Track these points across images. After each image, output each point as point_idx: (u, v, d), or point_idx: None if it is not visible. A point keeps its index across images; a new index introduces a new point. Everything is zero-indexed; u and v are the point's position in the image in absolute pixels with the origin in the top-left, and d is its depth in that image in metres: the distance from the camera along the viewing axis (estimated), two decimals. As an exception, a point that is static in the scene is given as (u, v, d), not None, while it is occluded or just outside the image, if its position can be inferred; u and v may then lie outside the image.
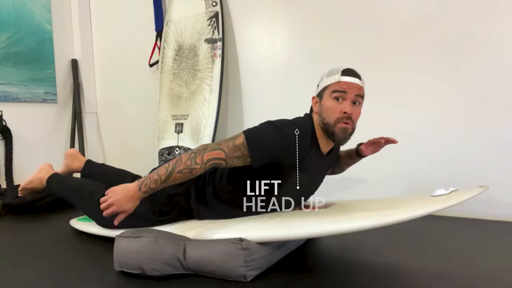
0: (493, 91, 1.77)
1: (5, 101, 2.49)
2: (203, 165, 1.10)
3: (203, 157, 1.11)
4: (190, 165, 1.10)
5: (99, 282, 1.12)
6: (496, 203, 1.79)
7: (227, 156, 1.12)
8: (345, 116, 1.17)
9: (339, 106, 1.17)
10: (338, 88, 1.18)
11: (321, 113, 1.22)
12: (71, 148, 1.96)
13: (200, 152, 1.12)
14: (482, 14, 1.78)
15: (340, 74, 1.18)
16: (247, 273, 1.08)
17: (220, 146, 1.14)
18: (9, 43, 2.51)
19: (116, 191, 1.13)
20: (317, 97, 1.26)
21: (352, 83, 1.18)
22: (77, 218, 1.72)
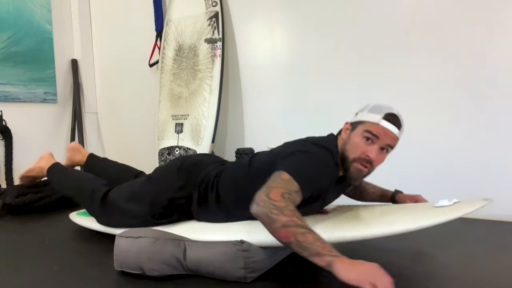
0: (493, 91, 1.77)
1: (5, 101, 2.49)
2: (283, 201, 0.95)
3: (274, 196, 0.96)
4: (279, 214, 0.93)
5: (99, 282, 1.12)
6: (496, 203, 1.79)
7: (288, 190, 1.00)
8: (366, 159, 1.11)
9: (365, 147, 1.11)
10: (373, 130, 1.10)
11: (345, 143, 1.16)
12: (74, 142, 1.95)
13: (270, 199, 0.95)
14: (482, 14, 1.77)
15: (382, 117, 1.10)
16: (248, 275, 1.08)
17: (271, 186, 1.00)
18: (9, 43, 2.51)
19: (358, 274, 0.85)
20: (350, 125, 1.18)
21: (390, 132, 1.10)
22: (77, 212, 1.71)
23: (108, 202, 1.38)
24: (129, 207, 1.33)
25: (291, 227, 0.90)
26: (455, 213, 0.99)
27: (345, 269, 0.84)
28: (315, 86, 2.18)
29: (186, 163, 1.36)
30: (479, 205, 1.03)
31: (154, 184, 1.34)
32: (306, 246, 0.89)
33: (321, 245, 0.88)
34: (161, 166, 1.45)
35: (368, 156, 1.10)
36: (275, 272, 1.15)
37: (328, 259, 0.86)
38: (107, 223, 1.40)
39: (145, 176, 1.46)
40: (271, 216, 0.93)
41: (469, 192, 1.83)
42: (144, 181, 1.39)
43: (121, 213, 1.35)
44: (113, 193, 1.40)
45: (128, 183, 1.45)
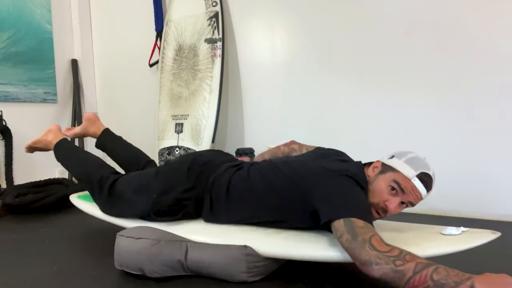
0: (493, 91, 1.77)
1: (5, 101, 2.49)
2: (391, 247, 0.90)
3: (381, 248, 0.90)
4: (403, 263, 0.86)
5: (99, 282, 1.12)
6: (496, 203, 1.79)
7: (374, 233, 0.95)
8: (383, 209, 1.09)
9: (388, 196, 1.08)
10: (401, 183, 1.06)
11: (371, 183, 1.12)
12: (91, 113, 1.90)
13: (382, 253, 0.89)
14: (482, 14, 1.77)
15: (417, 174, 1.07)
16: (249, 279, 1.08)
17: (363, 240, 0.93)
18: (9, 43, 2.51)
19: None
20: (381, 167, 1.14)
21: (418, 192, 1.07)
22: (78, 196, 1.69)
23: (116, 190, 1.36)
24: (135, 198, 1.31)
25: (422, 269, 0.84)
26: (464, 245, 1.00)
27: (486, 284, 0.81)
28: (315, 86, 2.18)
29: (196, 163, 1.32)
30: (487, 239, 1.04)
31: (162, 181, 1.31)
32: (444, 282, 0.82)
33: (453, 274, 0.83)
34: (171, 163, 1.40)
35: (386, 206, 1.08)
36: (274, 272, 1.15)
37: (469, 283, 0.81)
38: (111, 213, 1.38)
39: (155, 168, 1.42)
40: (398, 269, 0.85)
41: (469, 192, 1.83)
42: (153, 175, 1.34)
43: (127, 203, 1.33)
44: (121, 181, 1.37)
45: (137, 173, 1.42)
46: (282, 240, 1.12)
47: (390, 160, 1.12)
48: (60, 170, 2.73)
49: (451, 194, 1.87)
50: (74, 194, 1.71)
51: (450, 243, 1.01)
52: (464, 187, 1.84)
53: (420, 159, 1.11)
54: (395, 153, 1.15)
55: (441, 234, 1.09)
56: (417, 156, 1.12)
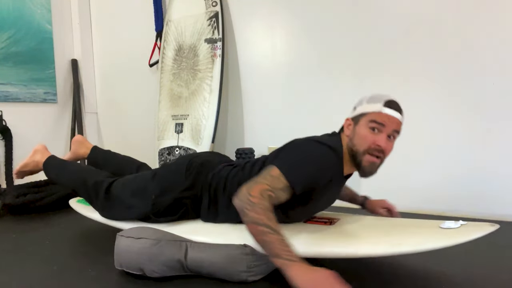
0: (493, 91, 1.77)
1: (5, 101, 2.49)
2: (260, 199, 0.99)
3: (254, 192, 1.00)
4: (250, 210, 0.98)
5: (99, 282, 1.12)
6: (496, 203, 1.79)
7: (272, 187, 1.02)
8: (377, 149, 1.10)
9: (373, 137, 1.10)
10: (377, 119, 1.10)
11: (352, 138, 1.15)
12: (78, 135, 1.94)
13: (249, 195, 1.00)
14: (482, 14, 1.77)
15: (383, 104, 1.11)
16: (249, 278, 1.08)
17: (257, 181, 1.04)
18: (9, 43, 2.51)
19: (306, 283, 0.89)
20: (352, 120, 1.17)
21: (393, 117, 1.11)
22: (77, 200, 1.70)
23: (112, 194, 1.36)
24: (133, 202, 1.32)
25: (259, 225, 0.96)
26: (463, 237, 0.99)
27: (298, 275, 0.88)
28: (315, 86, 2.18)
29: (194, 163, 1.33)
30: (486, 231, 1.03)
31: (161, 182, 1.31)
32: (267, 245, 0.95)
33: (280, 247, 0.93)
34: (168, 164, 1.41)
35: (378, 145, 1.10)
36: (274, 272, 1.15)
37: (284, 262, 0.91)
38: (109, 216, 1.38)
39: (151, 171, 1.42)
40: (244, 210, 0.99)
41: (469, 192, 1.83)
42: (150, 177, 1.35)
43: (125, 206, 1.33)
44: (117, 185, 1.38)
45: (132, 176, 1.42)
46: None
47: (355, 111, 1.18)
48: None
49: (451, 194, 1.87)
50: (74, 199, 1.72)
51: (449, 236, 1.01)
52: (464, 187, 1.84)
53: (377, 93, 1.17)
54: (355, 105, 1.20)
55: (440, 227, 1.09)
56: (373, 93, 1.18)
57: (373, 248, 1.01)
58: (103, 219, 1.41)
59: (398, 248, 0.99)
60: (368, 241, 1.06)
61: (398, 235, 1.07)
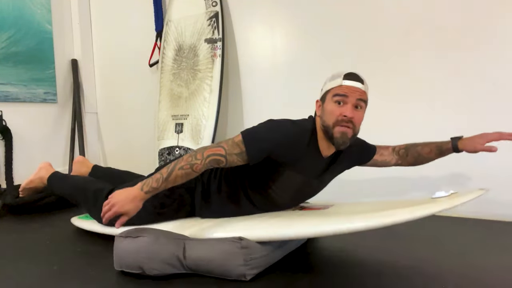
0: (493, 91, 1.77)
1: (5, 101, 2.49)
2: (203, 160, 1.12)
3: (204, 153, 1.13)
4: (190, 161, 1.12)
5: (99, 282, 1.12)
6: (496, 203, 1.79)
7: (226, 153, 1.14)
8: (344, 119, 1.16)
9: (339, 109, 1.17)
10: (339, 91, 1.17)
11: (322, 116, 1.22)
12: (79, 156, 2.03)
13: (201, 150, 1.15)
14: (482, 13, 1.77)
15: (342, 78, 1.18)
16: (247, 272, 1.08)
17: (220, 144, 1.17)
18: (9, 43, 2.51)
19: (117, 193, 1.16)
20: (320, 100, 1.26)
21: (354, 87, 1.17)
22: (78, 216, 1.72)
23: None
24: None
25: (162, 173, 1.14)
26: (453, 202, 1.00)
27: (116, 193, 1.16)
28: (315, 86, 2.17)
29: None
30: (476, 194, 1.04)
31: None
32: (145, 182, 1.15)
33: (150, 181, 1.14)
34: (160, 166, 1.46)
35: (345, 115, 1.16)
36: (274, 271, 1.15)
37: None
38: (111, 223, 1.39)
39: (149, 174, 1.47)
40: (178, 160, 1.15)
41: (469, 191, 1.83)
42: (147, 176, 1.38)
43: None
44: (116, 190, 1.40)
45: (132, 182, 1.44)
46: (275, 223, 1.16)
47: (321, 91, 1.26)
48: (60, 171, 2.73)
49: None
50: (75, 217, 1.74)
51: (440, 203, 1.01)
52: (464, 186, 1.84)
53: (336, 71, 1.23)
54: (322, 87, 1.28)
55: (431, 198, 1.11)
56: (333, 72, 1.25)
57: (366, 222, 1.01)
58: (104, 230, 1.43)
59: (390, 218, 0.99)
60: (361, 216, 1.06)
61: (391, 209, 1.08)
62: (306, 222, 1.12)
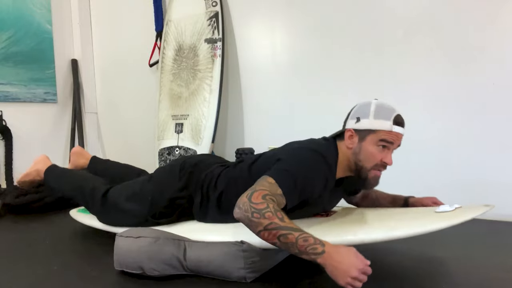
0: (493, 91, 1.77)
1: (5, 101, 2.49)
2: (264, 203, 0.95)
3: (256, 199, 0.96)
4: (259, 217, 0.93)
5: (99, 282, 1.12)
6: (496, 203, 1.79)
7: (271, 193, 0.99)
8: (383, 165, 1.13)
9: (381, 154, 1.11)
10: (388, 138, 1.10)
11: (357, 154, 1.13)
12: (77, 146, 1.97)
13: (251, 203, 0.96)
14: (482, 13, 1.77)
15: (392, 122, 1.10)
16: (247, 275, 1.08)
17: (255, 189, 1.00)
18: (9, 43, 2.51)
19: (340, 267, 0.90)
20: (356, 133, 1.14)
21: (401, 135, 1.12)
22: (78, 209, 1.71)
23: (108, 200, 1.38)
24: (130, 206, 1.33)
25: (273, 229, 0.92)
26: (457, 219, 0.99)
27: (329, 268, 0.90)
28: (315, 86, 2.18)
29: (187, 163, 1.35)
30: (481, 211, 1.03)
31: (155, 184, 1.35)
32: (290, 246, 0.92)
33: (303, 245, 0.90)
34: (162, 167, 1.45)
35: (385, 162, 1.12)
36: (274, 272, 1.15)
37: (312, 258, 0.91)
38: (108, 222, 1.41)
39: (147, 175, 1.46)
40: (252, 219, 0.94)
41: (469, 191, 1.83)
42: (145, 181, 1.39)
43: (121, 211, 1.35)
44: (113, 191, 1.40)
45: (128, 182, 1.45)
46: None
47: (360, 124, 1.14)
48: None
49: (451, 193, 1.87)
50: (74, 209, 1.73)
51: (444, 218, 1.01)
52: (464, 187, 1.84)
53: (382, 105, 1.13)
54: (356, 114, 1.16)
55: (435, 212, 1.10)
56: (378, 104, 1.14)
57: (369, 235, 1.01)
58: (103, 226, 1.43)
59: (394, 233, 0.99)
60: (364, 228, 1.06)
61: (394, 221, 1.08)
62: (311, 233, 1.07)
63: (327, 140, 1.21)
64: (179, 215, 1.32)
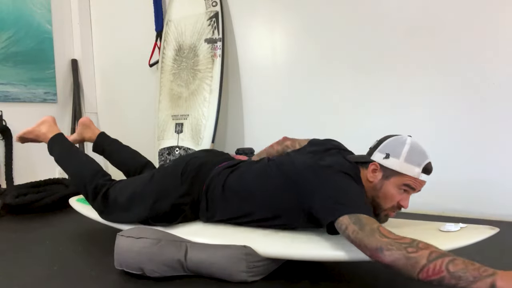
0: (493, 91, 1.77)
1: (5, 101, 2.49)
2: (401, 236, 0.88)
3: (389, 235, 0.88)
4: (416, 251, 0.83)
5: (99, 282, 1.12)
6: (496, 203, 1.79)
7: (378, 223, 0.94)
8: (399, 207, 1.11)
9: (400, 197, 1.09)
10: (412, 185, 1.07)
11: (377, 190, 1.10)
12: (86, 117, 1.87)
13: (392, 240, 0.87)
14: (482, 13, 1.77)
15: (422, 170, 1.06)
16: (249, 278, 1.08)
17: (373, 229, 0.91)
18: (9, 43, 2.51)
19: None
20: (381, 169, 1.10)
21: (424, 183, 1.09)
22: (77, 199, 1.70)
23: (110, 198, 1.35)
24: (130, 206, 1.31)
25: (437, 258, 0.80)
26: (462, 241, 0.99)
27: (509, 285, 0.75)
28: (315, 86, 2.18)
29: (190, 166, 1.31)
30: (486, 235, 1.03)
31: (157, 188, 1.29)
32: (461, 275, 0.77)
33: (473, 267, 0.77)
34: (165, 167, 1.39)
35: (402, 205, 1.10)
36: (275, 272, 1.15)
37: (489, 280, 0.75)
38: (108, 219, 1.38)
39: (148, 174, 1.40)
40: (411, 255, 0.81)
41: (469, 191, 1.83)
42: (147, 181, 1.33)
43: (122, 210, 1.33)
44: (115, 188, 1.37)
45: (130, 180, 1.42)
46: (281, 240, 1.12)
47: (388, 161, 1.09)
48: (60, 170, 2.72)
49: (451, 193, 1.87)
50: (73, 198, 1.71)
51: (449, 239, 1.01)
52: (464, 187, 1.84)
53: (416, 149, 1.08)
54: (387, 149, 1.10)
55: (440, 230, 1.09)
56: (412, 146, 1.08)
57: None
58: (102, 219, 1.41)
59: None
60: None
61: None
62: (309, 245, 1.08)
63: (350, 163, 1.16)
64: (182, 218, 1.29)
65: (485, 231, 1.04)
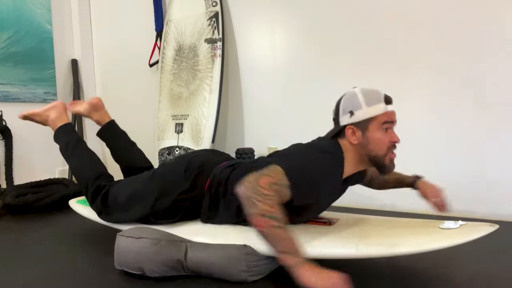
0: (493, 91, 1.77)
1: (5, 101, 2.49)
2: (269, 191, 0.95)
3: (263, 183, 0.96)
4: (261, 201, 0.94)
5: (99, 282, 1.12)
6: (497, 203, 1.79)
7: (279, 183, 0.99)
8: (394, 146, 1.14)
9: (387, 136, 1.13)
10: (388, 119, 1.12)
11: (366, 145, 1.13)
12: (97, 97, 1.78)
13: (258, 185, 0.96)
14: (482, 13, 1.77)
15: (384, 103, 1.12)
16: (248, 278, 1.08)
17: (264, 173, 1.00)
18: (9, 43, 2.51)
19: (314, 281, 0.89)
20: (356, 128, 1.14)
21: (394, 111, 1.16)
22: (77, 200, 1.70)
23: (109, 199, 1.35)
24: (131, 205, 1.31)
25: (268, 218, 0.92)
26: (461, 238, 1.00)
27: (307, 275, 0.89)
28: (315, 86, 2.18)
29: (193, 164, 1.31)
30: (486, 232, 1.03)
31: (159, 184, 1.29)
32: (276, 241, 0.92)
33: (290, 244, 0.91)
34: (167, 165, 1.39)
35: (394, 141, 1.13)
36: (275, 272, 1.15)
37: (293, 260, 0.90)
38: (108, 219, 1.38)
39: (149, 172, 1.39)
40: (252, 200, 0.94)
41: (469, 191, 1.83)
42: (148, 180, 1.33)
43: (122, 210, 1.33)
44: (115, 189, 1.37)
45: (130, 180, 1.41)
46: None
47: (355, 116, 1.14)
48: (60, 170, 2.73)
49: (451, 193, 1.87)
50: (73, 200, 1.71)
51: (448, 236, 1.01)
52: (465, 187, 1.84)
53: (368, 92, 1.15)
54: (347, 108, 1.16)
55: (439, 228, 1.10)
56: (363, 91, 1.16)
57: (371, 249, 1.02)
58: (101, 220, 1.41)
59: (396, 249, 0.99)
60: (367, 242, 1.06)
61: (397, 236, 1.07)
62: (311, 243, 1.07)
63: (328, 141, 1.20)
64: (182, 216, 1.30)
65: (485, 228, 1.04)
